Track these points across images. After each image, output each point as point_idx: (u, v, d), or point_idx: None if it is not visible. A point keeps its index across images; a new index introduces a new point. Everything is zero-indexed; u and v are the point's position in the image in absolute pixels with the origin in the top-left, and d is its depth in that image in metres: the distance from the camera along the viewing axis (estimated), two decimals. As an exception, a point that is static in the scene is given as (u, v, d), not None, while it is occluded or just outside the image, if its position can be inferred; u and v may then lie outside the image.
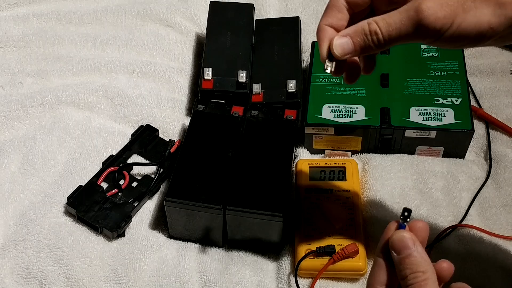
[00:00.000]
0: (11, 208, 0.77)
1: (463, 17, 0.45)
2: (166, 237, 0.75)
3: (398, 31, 0.46)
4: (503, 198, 0.76)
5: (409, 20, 0.46)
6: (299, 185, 0.76)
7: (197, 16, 1.00)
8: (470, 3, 0.45)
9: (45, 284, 0.70)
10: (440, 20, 0.45)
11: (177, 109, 0.88)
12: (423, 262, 0.45)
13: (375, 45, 0.48)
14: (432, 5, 0.45)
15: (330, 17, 0.51)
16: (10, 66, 0.92)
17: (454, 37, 0.46)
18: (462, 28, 0.45)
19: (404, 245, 0.45)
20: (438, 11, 0.45)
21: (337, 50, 0.49)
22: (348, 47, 0.49)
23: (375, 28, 0.47)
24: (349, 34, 0.49)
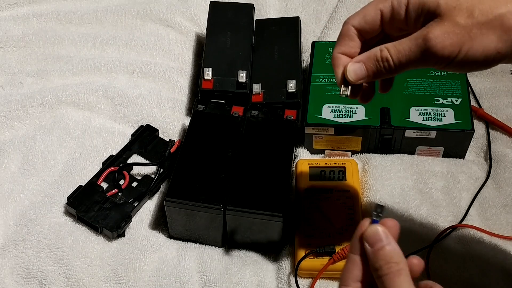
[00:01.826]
0: (11, 208, 0.77)
1: (470, 45, 0.47)
2: (166, 237, 0.75)
3: (407, 58, 0.49)
4: (503, 198, 0.76)
5: (418, 48, 0.48)
6: (299, 185, 0.76)
7: (197, 16, 1.00)
8: (476, 31, 0.47)
9: (45, 284, 0.70)
10: (447, 48, 0.47)
11: (177, 109, 0.88)
12: (396, 254, 0.46)
13: (387, 70, 0.51)
14: (439, 34, 0.47)
15: (342, 45, 0.54)
16: (10, 66, 0.92)
17: (462, 63, 0.48)
18: (469, 55, 0.47)
19: (378, 238, 0.46)
20: (445, 39, 0.47)
21: (351, 76, 0.52)
22: (361, 72, 0.52)
23: (386, 55, 0.50)
24: (362, 60, 0.52)
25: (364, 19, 0.53)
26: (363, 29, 0.53)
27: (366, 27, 0.53)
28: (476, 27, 0.47)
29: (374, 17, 0.52)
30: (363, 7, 0.54)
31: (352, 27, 0.53)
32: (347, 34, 0.53)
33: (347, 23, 0.54)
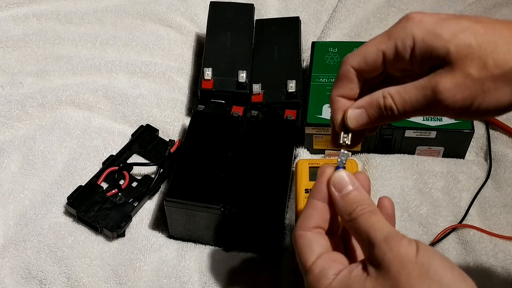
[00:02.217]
0: (11, 208, 0.77)
1: (483, 98, 0.43)
2: (166, 237, 0.75)
3: (413, 108, 0.45)
4: (503, 198, 0.76)
5: (426, 99, 0.44)
6: (299, 185, 0.76)
7: (197, 16, 1.00)
8: (490, 84, 0.43)
9: (45, 284, 0.70)
10: (458, 103, 0.43)
11: (177, 109, 0.88)
12: (366, 196, 0.45)
13: (390, 118, 0.47)
14: (450, 87, 0.43)
15: (341, 88, 0.49)
16: (10, 66, 0.92)
17: (473, 115, 0.44)
18: (482, 108, 0.44)
19: (345, 182, 0.45)
20: (456, 93, 0.43)
21: (352, 123, 0.48)
22: (363, 119, 0.48)
23: (390, 103, 0.46)
24: (363, 106, 0.48)
25: (364, 60, 0.48)
26: (363, 70, 0.48)
27: (366, 68, 0.48)
28: (490, 80, 0.43)
29: (376, 58, 0.47)
30: (363, 45, 0.48)
31: (351, 68, 0.48)
32: (346, 76, 0.49)
33: (345, 64, 0.49)
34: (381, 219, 0.43)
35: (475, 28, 0.44)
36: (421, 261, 0.40)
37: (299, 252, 0.46)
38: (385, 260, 0.41)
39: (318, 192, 0.46)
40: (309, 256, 0.45)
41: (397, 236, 0.42)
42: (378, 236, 0.42)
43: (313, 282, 0.44)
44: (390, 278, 0.40)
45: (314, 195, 0.46)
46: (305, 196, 0.74)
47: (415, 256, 0.40)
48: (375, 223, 0.43)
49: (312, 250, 0.45)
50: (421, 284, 0.39)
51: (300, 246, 0.46)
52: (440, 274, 0.39)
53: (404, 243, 0.41)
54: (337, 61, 0.87)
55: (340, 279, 0.43)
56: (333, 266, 0.44)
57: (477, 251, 0.71)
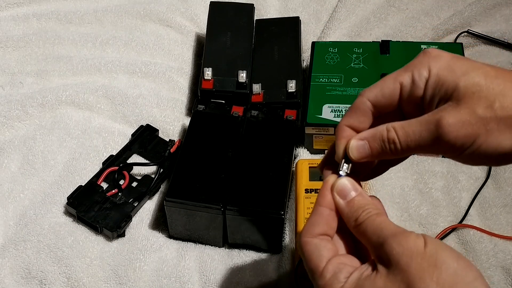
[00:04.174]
0: (11, 208, 0.77)
1: (485, 139, 0.43)
2: (166, 237, 0.75)
3: (416, 143, 0.45)
4: (503, 198, 0.76)
5: (429, 133, 0.44)
6: (299, 185, 0.76)
7: (197, 16, 1.00)
8: (494, 125, 0.43)
9: (45, 284, 0.70)
10: (460, 139, 0.43)
11: (177, 109, 0.88)
12: (370, 201, 0.46)
13: (392, 153, 0.46)
14: (453, 122, 0.43)
15: (352, 118, 0.48)
16: (10, 66, 0.92)
17: (473, 156, 0.44)
18: (482, 149, 0.43)
19: (349, 189, 0.46)
20: (459, 129, 0.43)
21: (353, 154, 0.47)
22: (365, 151, 0.47)
23: (394, 136, 0.45)
24: (367, 138, 0.47)
25: (381, 92, 0.47)
26: (379, 104, 0.47)
27: (382, 101, 0.47)
28: (494, 121, 0.43)
29: (393, 90, 0.47)
30: (382, 79, 0.48)
31: (367, 100, 0.47)
32: (360, 108, 0.48)
33: (362, 96, 0.48)
34: (386, 220, 0.44)
35: (486, 69, 0.44)
36: (429, 253, 0.40)
37: (308, 258, 0.46)
38: (394, 255, 0.41)
39: (324, 199, 0.47)
40: (319, 262, 0.45)
41: (405, 232, 0.42)
42: (386, 233, 0.43)
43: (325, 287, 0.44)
44: (400, 272, 0.41)
45: (320, 202, 0.47)
46: (305, 196, 0.74)
47: (423, 248, 0.41)
48: (382, 223, 0.44)
49: (321, 255, 0.45)
50: (430, 274, 0.40)
51: (308, 253, 0.46)
52: (448, 264, 0.40)
53: (412, 237, 0.41)
54: (337, 61, 0.87)
55: (352, 281, 0.43)
56: (343, 269, 0.44)
57: (477, 251, 0.71)
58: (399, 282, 0.41)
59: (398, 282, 0.41)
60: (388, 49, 0.88)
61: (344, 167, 0.48)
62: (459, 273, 0.40)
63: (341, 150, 0.48)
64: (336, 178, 0.47)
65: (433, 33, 0.97)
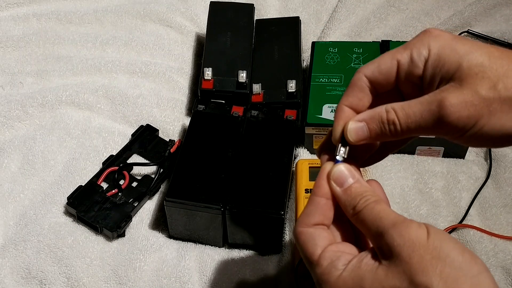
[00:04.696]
0: (11, 208, 0.77)
1: (487, 120, 0.42)
2: (166, 237, 0.75)
3: (417, 124, 0.43)
4: (503, 198, 0.76)
5: (430, 114, 0.43)
6: (299, 185, 0.76)
7: (197, 16, 1.00)
8: (497, 106, 0.42)
9: (45, 284, 0.70)
10: (462, 120, 0.42)
11: (177, 109, 0.88)
12: (368, 187, 0.45)
13: (392, 134, 0.45)
14: (456, 102, 0.42)
15: (350, 96, 0.47)
16: (10, 66, 0.92)
17: (475, 137, 0.43)
18: (484, 130, 0.42)
19: (345, 176, 0.45)
20: (462, 109, 0.42)
21: (351, 136, 0.46)
22: (363, 133, 0.45)
23: (393, 117, 0.44)
24: (365, 119, 0.45)
25: (378, 68, 0.46)
26: (376, 80, 0.46)
27: (379, 77, 0.46)
28: (497, 102, 0.42)
29: (390, 67, 0.45)
30: (380, 56, 0.47)
31: (363, 76, 0.46)
32: (357, 84, 0.46)
33: (358, 72, 0.47)
34: (386, 208, 0.43)
35: (490, 49, 0.43)
36: (432, 245, 0.39)
37: (303, 247, 0.45)
38: (396, 246, 0.40)
39: (319, 188, 0.45)
40: (314, 250, 0.44)
41: (406, 221, 0.41)
42: (386, 223, 0.41)
43: (323, 276, 0.43)
44: (402, 264, 0.39)
45: (316, 192, 0.45)
46: (305, 196, 0.74)
47: (426, 239, 0.39)
48: (381, 211, 0.42)
49: (316, 243, 0.44)
50: (433, 267, 0.38)
51: (302, 242, 0.44)
52: (452, 257, 0.39)
53: (414, 227, 0.40)
54: (337, 61, 0.87)
55: (351, 269, 0.42)
56: (341, 256, 0.43)
57: (477, 251, 0.71)
58: (401, 274, 0.39)
59: (400, 274, 0.39)
60: (388, 49, 0.88)
61: (341, 151, 0.46)
62: (463, 266, 0.39)
63: (338, 132, 0.47)
64: (332, 165, 0.46)
65: (433, 33, 0.97)
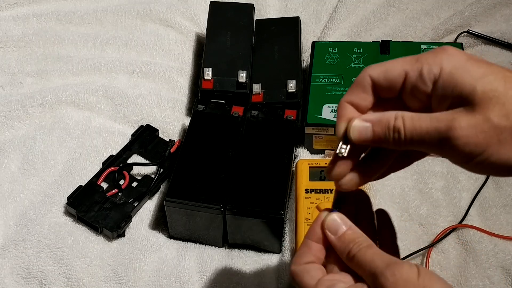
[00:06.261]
0: (11, 208, 0.77)
1: (496, 149, 0.40)
2: (166, 237, 0.75)
3: (421, 138, 0.42)
4: (503, 198, 0.76)
5: (437, 132, 0.41)
6: (299, 185, 0.76)
7: (197, 16, 1.00)
8: (507, 135, 0.40)
9: (45, 284, 0.70)
10: (469, 146, 0.41)
11: (177, 109, 0.88)
12: (359, 233, 0.47)
13: (394, 142, 0.44)
14: (466, 127, 0.40)
15: (353, 94, 0.46)
16: (10, 66, 0.92)
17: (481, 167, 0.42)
18: (491, 161, 0.41)
19: (338, 224, 0.47)
20: (471, 135, 0.40)
21: (354, 134, 0.45)
22: (366, 134, 0.45)
23: (400, 126, 0.43)
24: (372, 121, 0.45)
25: (385, 73, 0.45)
26: (379, 84, 0.45)
27: (383, 83, 0.45)
28: (509, 131, 0.40)
29: (397, 76, 0.44)
30: (390, 60, 0.45)
31: (368, 77, 0.45)
32: (361, 83, 0.46)
33: (364, 71, 0.46)
34: (378, 251, 0.45)
35: (506, 74, 0.42)
36: (422, 284, 0.41)
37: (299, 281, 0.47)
38: (389, 285, 0.42)
39: (313, 233, 0.48)
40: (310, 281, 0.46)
41: (398, 262, 0.43)
42: (379, 265, 0.43)
43: None
44: None
45: (309, 236, 0.48)
46: (305, 196, 0.74)
47: (417, 278, 0.41)
48: (374, 255, 0.44)
49: (311, 275, 0.46)
50: None
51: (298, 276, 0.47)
52: None
53: (405, 267, 0.42)
54: (337, 61, 0.87)
55: None
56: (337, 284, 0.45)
57: (477, 251, 0.71)
58: None
59: None
60: (388, 49, 0.88)
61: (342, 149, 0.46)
62: None
63: (342, 129, 0.46)
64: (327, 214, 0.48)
65: (433, 33, 0.97)
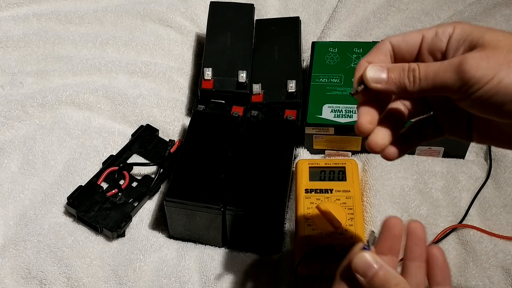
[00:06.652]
0: (11, 208, 0.77)
1: (507, 73, 0.42)
2: (166, 237, 0.75)
3: (435, 74, 0.45)
4: (503, 198, 0.76)
5: (450, 65, 0.44)
6: (299, 185, 0.76)
7: (197, 16, 1.00)
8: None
9: (45, 284, 0.70)
10: (482, 70, 0.43)
11: (177, 109, 0.88)
12: (392, 276, 0.45)
13: (410, 82, 0.46)
14: (477, 55, 0.43)
15: (372, 56, 0.49)
16: (10, 66, 0.92)
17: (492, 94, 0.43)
18: (502, 85, 0.42)
19: (368, 265, 0.45)
20: (482, 61, 0.43)
21: (369, 74, 0.47)
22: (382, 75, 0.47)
23: (414, 66, 0.46)
24: (387, 65, 0.48)
25: (403, 38, 0.49)
26: (399, 48, 0.49)
27: (402, 45, 0.49)
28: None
29: (415, 39, 0.48)
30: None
31: (388, 43, 0.49)
32: (381, 48, 0.49)
33: (385, 39, 0.50)
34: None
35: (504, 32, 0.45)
36: None
37: None
38: None
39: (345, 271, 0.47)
40: None
41: None
42: None
43: None
44: None
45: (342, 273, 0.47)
46: (305, 196, 0.74)
47: None
48: None
49: None
50: None
51: None
52: None
53: None
54: (337, 61, 0.87)
55: None
56: None
57: (477, 251, 0.71)
58: None
59: None
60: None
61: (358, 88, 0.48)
62: None
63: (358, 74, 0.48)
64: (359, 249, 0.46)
65: (433, 33, 0.97)
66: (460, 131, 0.50)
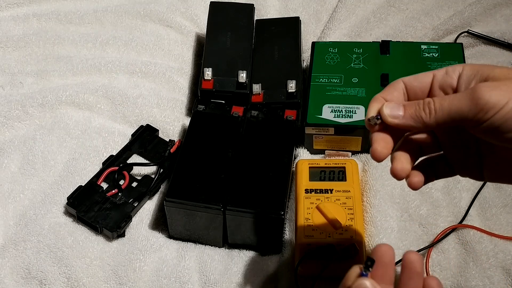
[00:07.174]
0: (11, 208, 0.77)
1: None
2: (166, 237, 0.75)
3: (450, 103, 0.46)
4: (503, 198, 0.76)
5: (465, 94, 0.46)
6: (299, 185, 0.76)
7: (197, 16, 1.00)
8: None
9: (45, 284, 0.70)
10: (496, 96, 0.45)
11: (177, 109, 0.88)
12: None
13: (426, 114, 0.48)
14: (489, 84, 0.46)
15: (387, 93, 0.51)
16: (10, 66, 0.92)
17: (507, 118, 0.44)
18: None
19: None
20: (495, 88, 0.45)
21: (386, 111, 0.49)
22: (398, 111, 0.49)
23: (429, 100, 0.48)
24: (403, 103, 0.50)
25: (415, 77, 0.51)
26: (411, 85, 0.51)
27: (415, 83, 0.51)
28: None
29: (426, 78, 0.51)
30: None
31: (401, 81, 0.52)
32: (395, 86, 0.52)
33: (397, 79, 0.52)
34: None
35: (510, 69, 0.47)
36: None
37: None
38: None
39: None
40: None
41: None
42: None
43: None
44: None
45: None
46: (305, 196, 0.74)
47: None
48: None
49: None
50: None
51: None
52: None
53: None
54: (337, 61, 0.87)
55: None
56: None
57: (477, 251, 0.71)
58: None
59: None
60: (388, 49, 0.88)
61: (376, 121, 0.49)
62: None
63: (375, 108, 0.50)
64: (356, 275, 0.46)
65: (433, 33, 0.97)
66: (471, 169, 0.53)
